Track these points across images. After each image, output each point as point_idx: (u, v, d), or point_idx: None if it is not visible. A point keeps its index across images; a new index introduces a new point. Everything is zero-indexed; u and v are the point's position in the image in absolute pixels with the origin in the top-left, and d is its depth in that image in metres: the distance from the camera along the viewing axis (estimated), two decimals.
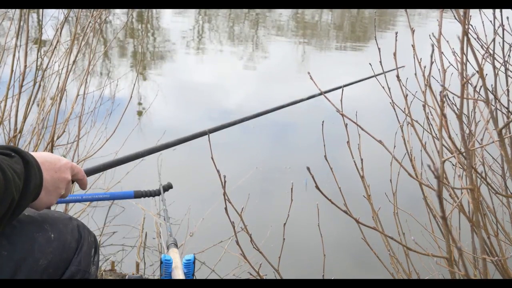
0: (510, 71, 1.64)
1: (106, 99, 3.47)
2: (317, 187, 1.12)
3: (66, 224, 1.15)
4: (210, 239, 2.91)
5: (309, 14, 12.43)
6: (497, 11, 1.55)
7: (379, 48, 1.55)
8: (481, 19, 1.72)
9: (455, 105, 1.50)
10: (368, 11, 12.42)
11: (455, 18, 1.22)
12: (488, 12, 1.58)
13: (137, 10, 10.07)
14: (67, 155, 2.82)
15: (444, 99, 1.30)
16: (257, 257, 1.31)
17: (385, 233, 1.32)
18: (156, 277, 2.77)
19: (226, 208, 1.21)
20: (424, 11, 11.56)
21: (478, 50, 1.34)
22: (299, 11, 12.34)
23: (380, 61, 1.58)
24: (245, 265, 1.74)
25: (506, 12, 1.53)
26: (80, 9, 2.65)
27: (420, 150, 1.50)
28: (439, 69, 1.24)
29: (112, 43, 6.94)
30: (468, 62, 1.28)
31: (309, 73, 1.45)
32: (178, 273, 1.37)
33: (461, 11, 1.11)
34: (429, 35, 1.41)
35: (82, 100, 2.72)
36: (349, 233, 2.43)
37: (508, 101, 1.60)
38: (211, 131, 1.54)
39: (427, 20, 10.91)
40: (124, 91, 4.73)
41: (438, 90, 1.22)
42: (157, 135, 3.21)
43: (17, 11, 2.54)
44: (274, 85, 6.66)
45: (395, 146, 1.61)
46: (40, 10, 2.56)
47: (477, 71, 1.14)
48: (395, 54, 1.45)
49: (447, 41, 1.51)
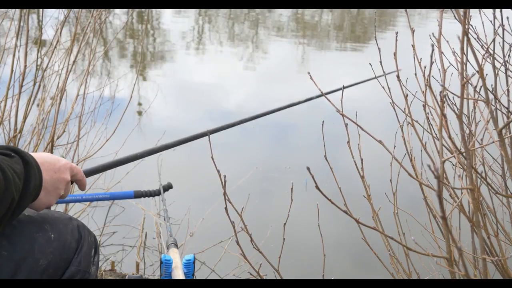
0: (510, 71, 1.64)
1: (106, 99, 3.47)
2: (317, 187, 1.12)
3: (66, 224, 1.15)
4: (210, 239, 2.91)
5: (309, 14, 12.43)
6: (497, 11, 1.55)
7: (379, 48, 1.55)
8: (481, 19, 1.72)
9: (455, 105, 1.50)
10: (368, 11, 12.42)
11: (455, 18, 1.22)
12: (488, 12, 1.58)
13: (137, 11, 10.07)
14: (67, 155, 2.82)
15: (444, 99, 1.30)
16: (257, 257, 1.31)
17: (385, 233, 1.32)
18: (156, 277, 2.77)
19: (226, 208, 1.21)
20: (424, 11, 11.56)
21: (478, 50, 1.34)
22: (299, 11, 12.34)
23: (380, 61, 1.58)
24: (245, 265, 1.74)
25: (506, 12, 1.53)
26: (80, 9, 2.65)
27: (420, 150, 1.50)
28: (439, 69, 1.24)
29: (112, 43, 6.93)
30: (468, 62, 1.28)
31: (309, 73, 1.45)
32: (178, 273, 1.37)
33: (461, 11, 1.11)
34: (429, 35, 1.41)
35: (82, 100, 2.72)
36: (349, 233, 2.43)
37: (508, 101, 1.60)
38: (212, 132, 1.54)
39: (427, 20, 10.91)
40: (124, 91, 4.73)
41: (438, 90, 1.22)
42: (157, 135, 3.21)
43: (17, 11, 2.54)
44: (274, 85, 6.66)
45: (395, 146, 1.61)
46: (40, 10, 2.56)
47: (477, 71, 1.14)
48: (395, 54, 1.45)
49: (447, 41, 1.51)
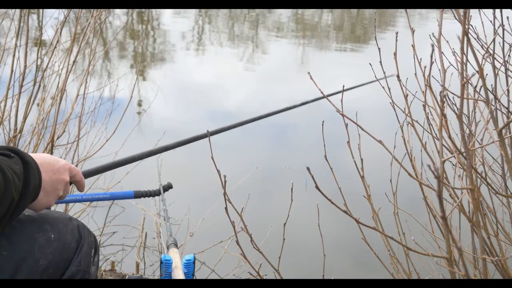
0: (510, 71, 1.64)
1: (106, 99, 3.47)
2: (317, 187, 1.12)
3: (66, 224, 1.15)
4: (210, 239, 2.91)
5: (309, 14, 12.43)
6: (497, 11, 1.55)
7: (379, 48, 1.55)
8: (481, 19, 1.72)
9: (455, 105, 1.50)
10: (368, 11, 12.41)
11: (455, 18, 1.22)
12: (488, 12, 1.58)
13: (137, 11, 10.07)
14: (67, 155, 2.82)
15: (444, 99, 1.30)
16: (257, 257, 1.31)
17: (385, 233, 1.31)
18: (156, 277, 2.77)
19: (226, 208, 1.21)
20: (424, 11, 11.55)
21: (478, 50, 1.34)
22: (299, 11, 12.34)
23: (380, 61, 1.58)
24: (245, 265, 1.74)
25: (506, 12, 1.53)
26: (80, 9, 2.65)
27: (420, 150, 1.50)
28: (439, 69, 1.24)
29: (112, 43, 6.93)
30: (468, 62, 1.28)
31: (309, 73, 1.45)
32: (178, 273, 1.37)
33: (461, 11, 1.11)
34: (429, 35, 1.41)
35: (82, 100, 2.72)
36: (349, 233, 2.43)
37: (508, 101, 1.60)
38: (212, 133, 1.54)
39: (427, 21, 10.90)
40: (124, 92, 4.73)
41: (438, 90, 1.22)
42: (157, 135, 3.21)
43: (17, 11, 2.54)
44: (274, 86, 6.66)
45: (395, 146, 1.61)
46: (40, 10, 2.56)
47: (477, 71, 1.14)
48: (395, 54, 1.45)
49: (447, 41, 1.51)
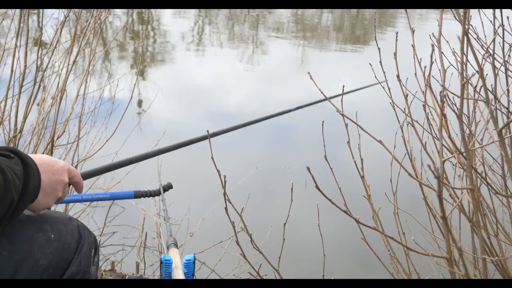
0: (510, 71, 1.64)
1: (106, 100, 3.47)
2: (317, 187, 1.12)
3: (66, 225, 1.15)
4: (210, 239, 2.91)
5: (309, 15, 12.43)
6: (497, 11, 1.55)
7: (379, 48, 1.55)
8: (481, 19, 1.72)
9: (455, 105, 1.50)
10: (368, 12, 12.41)
11: (455, 18, 1.22)
12: (488, 12, 1.58)
13: (137, 12, 10.07)
14: (67, 155, 2.82)
15: (444, 99, 1.30)
16: (257, 257, 1.31)
17: (385, 233, 1.31)
18: (156, 277, 2.77)
19: (226, 208, 1.21)
20: (424, 12, 11.55)
21: (478, 50, 1.34)
22: (299, 12, 12.34)
23: (380, 62, 1.58)
24: (245, 265, 1.74)
25: (506, 12, 1.53)
26: (80, 9, 2.65)
27: (420, 150, 1.50)
28: (439, 69, 1.24)
29: (112, 43, 6.93)
30: (468, 62, 1.28)
31: (309, 73, 1.45)
32: (178, 273, 1.37)
33: (461, 11, 1.11)
34: (429, 35, 1.41)
35: (82, 100, 2.72)
36: (349, 233, 2.43)
37: (508, 101, 1.60)
38: (212, 135, 1.54)
39: (427, 21, 10.90)
40: (124, 92, 4.73)
41: (438, 90, 1.22)
42: (157, 135, 3.21)
43: (17, 11, 2.54)
44: (274, 86, 6.66)
45: (395, 146, 1.61)
46: (40, 10, 2.56)
47: (477, 71, 1.14)
48: (395, 54, 1.45)
49: (447, 41, 1.51)
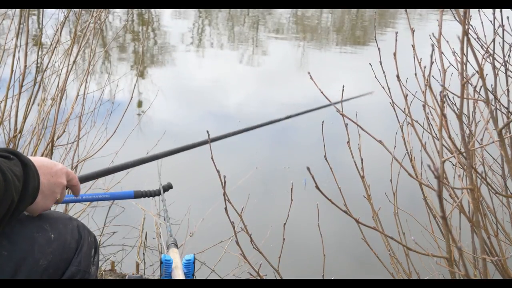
0: (510, 71, 1.64)
1: (106, 100, 3.46)
2: (317, 187, 1.12)
3: (66, 225, 1.15)
4: (210, 239, 2.91)
5: (309, 15, 12.42)
6: (497, 11, 1.55)
7: (379, 48, 1.55)
8: (481, 19, 1.72)
9: (455, 105, 1.50)
10: (368, 13, 12.40)
11: (455, 18, 1.22)
12: (488, 12, 1.58)
13: (137, 12, 10.06)
14: (67, 155, 2.82)
15: (444, 99, 1.30)
16: (257, 257, 1.31)
17: (385, 233, 1.32)
18: (156, 277, 2.77)
19: (226, 208, 1.21)
20: (424, 12, 11.54)
21: (478, 50, 1.34)
22: (299, 12, 12.33)
23: (380, 62, 1.58)
24: (245, 265, 1.74)
25: (506, 12, 1.53)
26: (80, 9, 2.65)
27: (420, 150, 1.50)
28: (439, 69, 1.24)
29: (112, 44, 6.93)
30: (468, 62, 1.28)
31: (309, 73, 1.45)
32: (178, 273, 1.37)
33: (461, 11, 1.11)
34: (429, 35, 1.41)
35: (82, 100, 2.71)
36: (349, 233, 2.43)
37: (508, 101, 1.60)
38: (213, 140, 1.53)
39: (427, 22, 10.90)
40: (124, 92, 4.73)
41: (438, 90, 1.22)
42: (157, 135, 3.21)
43: (17, 11, 2.54)
44: (274, 86, 6.66)
45: (395, 146, 1.62)
46: (40, 10, 2.56)
47: (477, 71, 1.14)
48: (395, 54, 1.45)
49: (447, 41, 1.51)
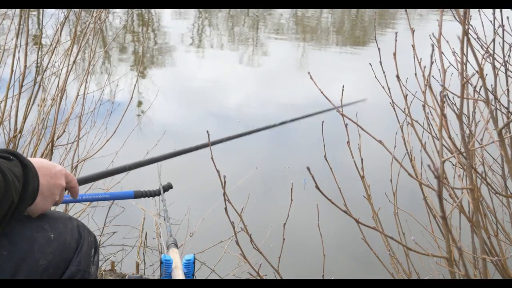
0: (510, 71, 1.64)
1: (106, 100, 3.46)
2: (317, 187, 1.12)
3: (66, 224, 1.15)
4: (210, 239, 2.91)
5: (309, 15, 12.42)
6: (497, 11, 1.55)
7: (379, 48, 1.55)
8: (481, 19, 1.72)
9: (455, 105, 1.50)
10: (368, 13, 12.40)
11: (455, 18, 1.22)
12: (488, 12, 1.58)
13: (137, 13, 10.06)
14: (67, 155, 2.82)
15: (444, 99, 1.30)
16: (257, 257, 1.31)
17: (385, 233, 1.31)
18: (156, 277, 2.77)
19: (226, 208, 1.21)
20: (424, 12, 11.54)
21: (478, 50, 1.34)
22: (299, 12, 12.33)
23: (380, 62, 1.58)
24: (245, 265, 1.74)
25: (506, 12, 1.53)
26: (80, 9, 2.65)
27: (420, 150, 1.50)
28: (439, 69, 1.24)
29: (112, 44, 6.93)
30: (468, 62, 1.28)
31: (309, 73, 1.45)
32: (178, 273, 1.37)
33: (461, 11, 1.11)
34: (429, 35, 1.41)
35: (82, 100, 2.71)
36: (349, 233, 2.43)
37: (508, 101, 1.60)
38: (213, 143, 1.54)
39: (427, 22, 10.90)
40: (124, 92, 4.73)
41: (438, 90, 1.22)
42: (157, 135, 3.21)
43: (17, 11, 2.54)
44: (274, 86, 6.66)
45: (395, 146, 1.62)
46: (40, 10, 2.56)
47: (477, 71, 1.14)
48: (394, 54, 1.45)
49: (447, 41, 1.51)
